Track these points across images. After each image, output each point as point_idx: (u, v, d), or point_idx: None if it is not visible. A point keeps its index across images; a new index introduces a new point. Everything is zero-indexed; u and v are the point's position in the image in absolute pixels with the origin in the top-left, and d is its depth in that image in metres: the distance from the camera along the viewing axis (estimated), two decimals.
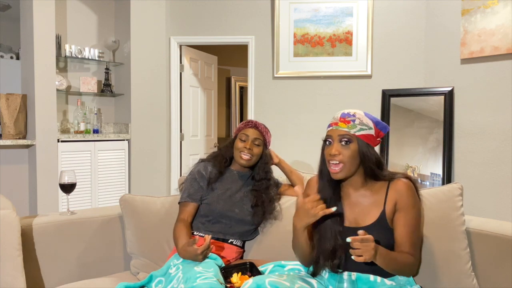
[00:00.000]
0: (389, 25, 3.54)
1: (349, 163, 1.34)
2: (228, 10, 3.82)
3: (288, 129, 3.73)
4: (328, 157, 1.37)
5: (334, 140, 1.36)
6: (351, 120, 1.36)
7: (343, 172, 1.35)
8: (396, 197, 1.36)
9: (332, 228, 1.36)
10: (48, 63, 3.22)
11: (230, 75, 6.14)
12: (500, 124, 2.97)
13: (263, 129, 1.85)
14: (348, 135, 1.34)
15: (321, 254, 1.36)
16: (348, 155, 1.34)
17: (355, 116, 1.37)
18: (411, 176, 1.44)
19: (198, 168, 1.85)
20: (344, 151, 1.34)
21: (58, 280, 1.72)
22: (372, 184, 1.41)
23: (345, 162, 1.34)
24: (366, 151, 1.35)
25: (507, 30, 2.85)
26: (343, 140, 1.34)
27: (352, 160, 1.35)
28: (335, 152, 1.34)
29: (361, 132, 1.35)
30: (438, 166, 3.18)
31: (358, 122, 1.36)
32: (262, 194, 1.80)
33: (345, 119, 1.36)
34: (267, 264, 1.55)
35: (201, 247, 1.48)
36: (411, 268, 1.34)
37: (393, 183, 1.39)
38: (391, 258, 1.28)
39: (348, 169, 1.35)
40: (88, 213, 1.91)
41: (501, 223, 1.56)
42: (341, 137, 1.35)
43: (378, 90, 3.52)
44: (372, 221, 1.36)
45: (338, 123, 1.37)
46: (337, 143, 1.35)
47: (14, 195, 3.25)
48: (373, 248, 1.19)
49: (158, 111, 3.94)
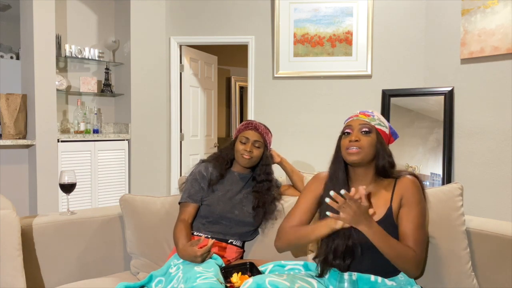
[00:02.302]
0: (389, 25, 3.54)
1: (368, 149, 1.38)
2: (228, 10, 3.82)
3: (288, 129, 3.73)
4: (347, 144, 1.39)
5: (354, 129, 1.41)
6: (370, 115, 1.44)
7: (359, 154, 1.37)
8: (402, 193, 1.38)
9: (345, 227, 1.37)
10: (48, 63, 3.22)
11: (230, 75, 6.14)
12: (500, 124, 2.97)
13: (263, 131, 1.85)
14: (369, 125, 1.41)
15: (331, 253, 1.35)
16: (368, 142, 1.38)
17: (374, 113, 1.46)
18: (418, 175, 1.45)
19: (199, 168, 1.84)
20: (364, 138, 1.39)
21: (58, 280, 1.72)
22: (381, 182, 1.43)
23: (364, 147, 1.37)
24: (382, 145, 1.41)
25: (507, 30, 2.85)
26: (364, 130, 1.40)
27: (371, 148, 1.39)
28: (355, 138, 1.38)
29: (379, 127, 1.43)
30: (438, 166, 3.19)
31: (377, 117, 1.44)
32: (264, 196, 1.80)
33: (365, 113, 1.45)
34: (267, 264, 1.55)
35: (201, 249, 1.48)
36: (409, 261, 1.30)
37: (399, 180, 1.41)
38: (388, 242, 1.27)
39: (365, 153, 1.38)
40: (88, 213, 1.90)
41: (501, 223, 1.56)
42: (362, 126, 1.41)
43: (378, 90, 3.52)
44: (378, 218, 1.37)
45: (359, 115, 1.44)
46: (357, 132, 1.40)
47: (14, 195, 3.25)
48: (357, 214, 1.23)
49: (158, 111, 3.94)
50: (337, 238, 1.36)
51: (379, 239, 1.27)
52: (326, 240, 1.39)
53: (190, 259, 1.51)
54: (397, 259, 1.29)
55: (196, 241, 1.52)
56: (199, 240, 1.52)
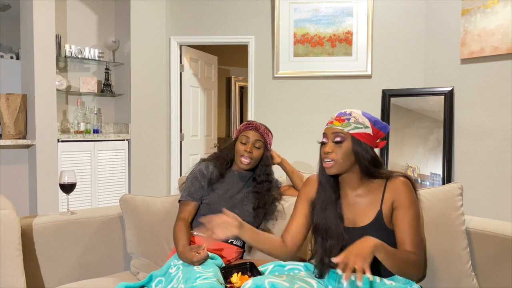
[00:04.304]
0: (389, 25, 3.54)
1: (342, 160, 1.36)
2: (228, 10, 3.82)
3: (288, 129, 3.73)
4: (323, 155, 1.40)
5: (329, 139, 1.39)
6: (346, 119, 1.39)
7: (334, 168, 1.37)
8: (393, 196, 1.36)
9: (338, 227, 1.37)
10: (48, 63, 3.22)
11: (230, 75, 6.14)
12: (500, 124, 2.97)
13: (263, 131, 1.85)
14: (341, 133, 1.37)
15: (327, 255, 1.35)
16: (341, 153, 1.36)
17: (351, 115, 1.40)
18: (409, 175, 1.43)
19: (200, 167, 1.85)
20: (337, 149, 1.37)
21: (58, 280, 1.72)
22: (369, 183, 1.41)
23: (337, 159, 1.36)
24: (360, 149, 1.37)
25: (507, 30, 2.85)
26: (336, 140, 1.37)
27: (345, 158, 1.36)
28: (328, 150, 1.37)
29: (355, 131, 1.37)
30: (438, 166, 3.18)
31: (353, 120, 1.38)
32: (264, 196, 1.80)
33: (340, 118, 1.40)
34: (267, 264, 1.55)
35: (197, 258, 1.49)
36: (413, 266, 1.29)
37: (390, 182, 1.39)
38: (394, 254, 1.25)
39: (340, 165, 1.37)
40: (88, 213, 1.90)
41: (501, 223, 1.56)
42: (334, 135, 1.38)
43: (378, 90, 3.52)
44: (369, 221, 1.36)
45: (333, 121, 1.40)
46: (331, 142, 1.38)
47: (14, 195, 3.25)
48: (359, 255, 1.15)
49: (158, 111, 3.94)
50: (330, 239, 1.36)
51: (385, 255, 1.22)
52: (320, 242, 1.39)
53: (187, 262, 1.52)
54: (403, 271, 1.28)
55: (197, 247, 1.52)
56: (199, 246, 1.52)
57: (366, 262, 1.15)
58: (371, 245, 1.20)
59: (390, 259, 1.24)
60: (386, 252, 1.23)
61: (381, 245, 1.22)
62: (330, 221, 1.38)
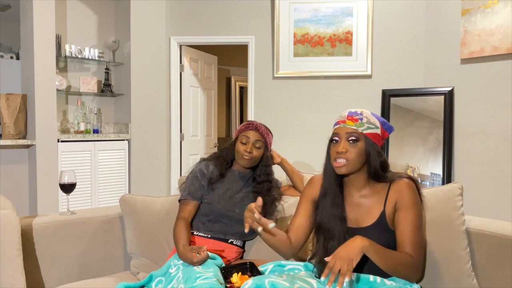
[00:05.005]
0: (389, 25, 3.54)
1: (355, 160, 1.35)
2: (228, 10, 3.82)
3: (288, 129, 3.73)
4: (335, 155, 1.36)
5: (342, 138, 1.36)
6: (358, 119, 1.36)
7: (347, 167, 1.35)
8: (397, 197, 1.36)
9: (340, 228, 1.36)
10: (48, 63, 3.22)
11: (230, 75, 6.14)
12: (500, 124, 2.97)
13: (264, 131, 1.85)
14: (356, 133, 1.35)
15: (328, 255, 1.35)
16: (355, 153, 1.34)
17: (363, 115, 1.38)
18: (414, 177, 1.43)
19: (200, 166, 1.85)
20: (351, 149, 1.34)
21: (58, 280, 1.72)
22: (374, 185, 1.41)
23: (351, 159, 1.34)
24: (373, 150, 1.35)
25: (507, 30, 2.85)
26: (351, 138, 1.34)
27: (358, 158, 1.35)
28: (342, 150, 1.34)
29: (368, 131, 1.36)
30: (438, 166, 3.18)
31: (366, 120, 1.37)
32: (264, 197, 1.80)
33: (352, 117, 1.37)
34: (267, 264, 1.55)
35: (197, 259, 1.49)
36: (408, 268, 1.28)
37: (394, 183, 1.38)
38: (385, 254, 1.25)
39: (353, 165, 1.35)
40: (88, 213, 1.91)
41: (501, 223, 1.56)
42: (349, 135, 1.35)
43: (378, 90, 3.52)
44: (372, 222, 1.36)
45: (346, 121, 1.37)
46: (345, 141, 1.35)
47: (14, 195, 3.25)
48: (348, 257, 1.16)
49: (158, 111, 3.94)
50: (332, 240, 1.36)
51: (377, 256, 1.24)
52: (322, 242, 1.39)
53: (188, 263, 1.52)
54: (396, 271, 1.28)
55: (197, 248, 1.52)
56: (200, 247, 1.52)
57: (351, 265, 1.16)
58: (360, 246, 1.20)
59: (381, 259, 1.24)
60: (377, 252, 1.23)
61: (371, 245, 1.22)
62: (333, 221, 1.38)
